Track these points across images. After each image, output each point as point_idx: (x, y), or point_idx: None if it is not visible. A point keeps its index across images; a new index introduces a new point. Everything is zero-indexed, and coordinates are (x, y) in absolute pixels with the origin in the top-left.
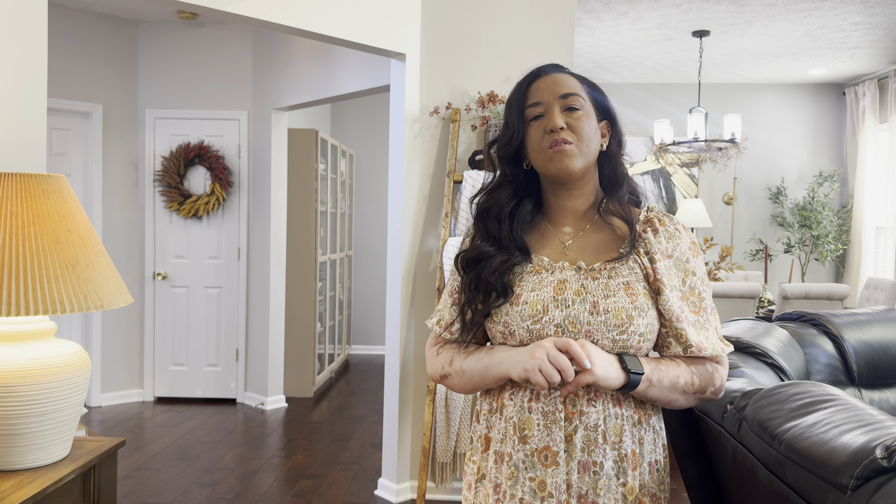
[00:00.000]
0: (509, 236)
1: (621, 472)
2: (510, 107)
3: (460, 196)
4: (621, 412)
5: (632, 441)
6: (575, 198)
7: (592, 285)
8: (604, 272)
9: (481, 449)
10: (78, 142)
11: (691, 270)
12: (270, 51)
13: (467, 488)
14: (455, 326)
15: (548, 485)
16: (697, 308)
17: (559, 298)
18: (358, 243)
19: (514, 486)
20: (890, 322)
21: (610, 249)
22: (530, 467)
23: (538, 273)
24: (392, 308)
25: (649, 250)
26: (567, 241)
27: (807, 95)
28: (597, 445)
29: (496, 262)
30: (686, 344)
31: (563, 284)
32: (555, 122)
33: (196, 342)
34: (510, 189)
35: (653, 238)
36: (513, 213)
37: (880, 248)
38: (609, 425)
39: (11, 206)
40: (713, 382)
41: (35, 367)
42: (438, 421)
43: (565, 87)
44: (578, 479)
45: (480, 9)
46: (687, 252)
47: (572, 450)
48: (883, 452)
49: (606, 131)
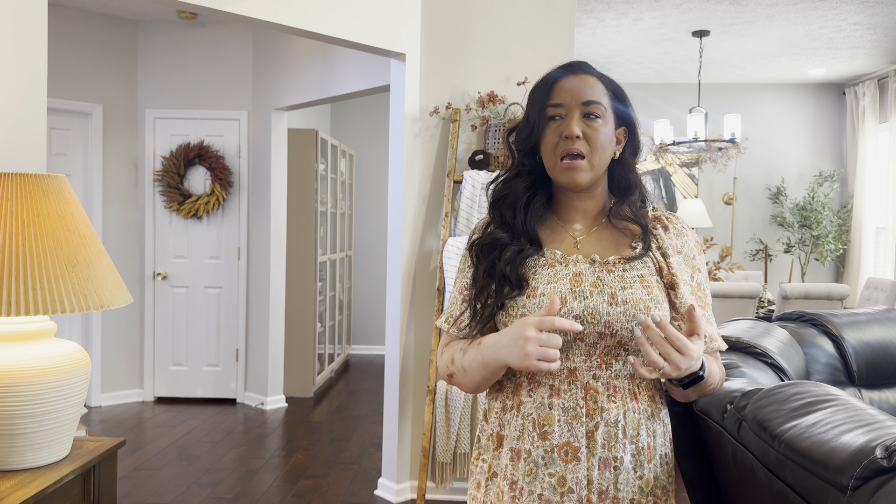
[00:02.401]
0: (523, 226)
1: (639, 465)
2: (533, 101)
3: (460, 196)
4: (638, 406)
5: (647, 434)
6: (584, 199)
7: (608, 277)
8: (618, 265)
9: (493, 447)
10: (78, 142)
11: (697, 267)
12: (270, 51)
13: (475, 487)
14: (464, 322)
15: (568, 480)
16: (703, 303)
17: (576, 290)
18: (358, 243)
19: (532, 482)
20: (890, 322)
21: (621, 246)
22: (550, 463)
23: (552, 266)
24: (392, 308)
25: (661, 246)
26: (578, 236)
27: (807, 95)
28: (617, 441)
29: (510, 252)
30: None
31: (578, 277)
32: (572, 129)
33: (196, 342)
34: (527, 180)
35: (664, 234)
36: (527, 204)
37: (880, 248)
38: (628, 420)
39: (11, 206)
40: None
41: (35, 367)
42: (438, 421)
43: (589, 94)
44: (599, 475)
45: (480, 9)
46: (694, 249)
47: (593, 446)
48: (883, 452)
49: (623, 138)
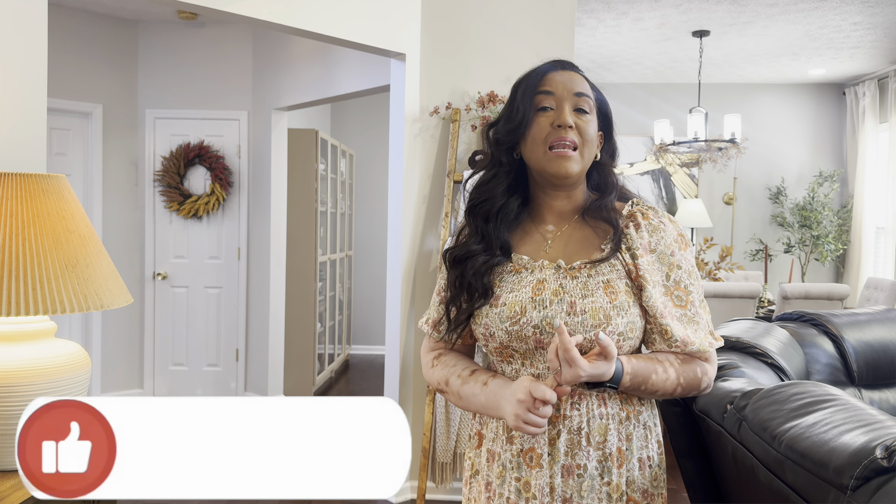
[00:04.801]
0: (495, 234)
1: (605, 471)
2: (520, 91)
3: (460, 196)
4: (606, 412)
5: (618, 439)
6: (562, 198)
7: (571, 285)
8: (583, 271)
9: (475, 445)
10: (78, 142)
11: (676, 264)
12: (270, 51)
13: (464, 483)
14: (442, 325)
15: (532, 486)
16: (683, 302)
17: (537, 299)
18: (358, 243)
19: (501, 485)
20: (890, 322)
21: (591, 247)
22: (516, 467)
23: (518, 273)
24: (392, 308)
25: (631, 246)
26: (549, 238)
27: (807, 95)
28: (580, 448)
29: (479, 262)
30: (671, 340)
31: (541, 284)
32: (565, 118)
33: (196, 342)
34: (505, 181)
35: (634, 233)
36: (501, 209)
37: (880, 248)
38: (593, 427)
39: (11, 206)
40: (699, 385)
41: (35, 367)
42: (438, 421)
43: (580, 87)
44: (562, 483)
45: (480, 9)
46: (672, 245)
47: (556, 453)
48: (883, 452)
49: (601, 142)
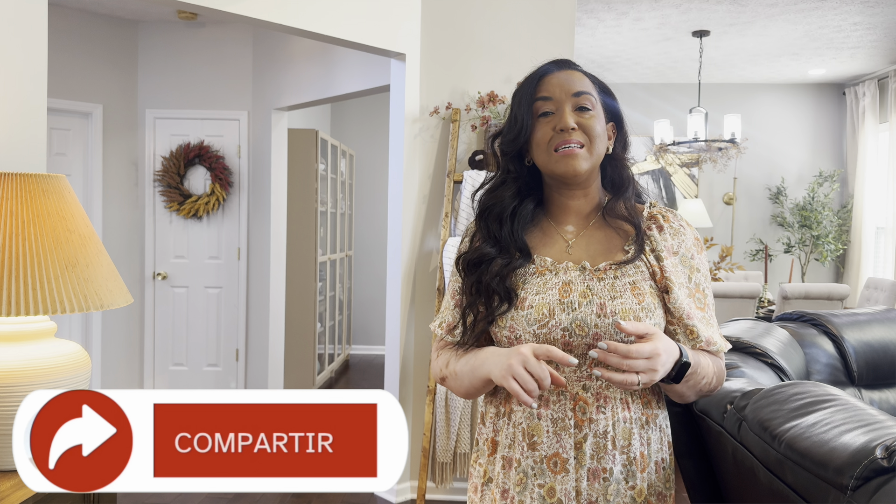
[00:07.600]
0: (510, 237)
1: (630, 475)
2: (518, 100)
3: (460, 196)
4: (630, 415)
5: (640, 443)
6: (578, 197)
7: (598, 286)
8: (609, 272)
9: (488, 452)
10: (78, 142)
11: (696, 267)
12: (270, 51)
13: (473, 491)
14: (458, 329)
15: (557, 491)
16: (703, 304)
17: (565, 301)
18: (358, 243)
19: (522, 492)
20: (890, 322)
21: (614, 248)
22: (539, 474)
23: (542, 275)
24: (392, 308)
25: (655, 248)
26: (570, 239)
27: (807, 95)
28: (606, 452)
29: (497, 265)
30: (697, 339)
31: (567, 286)
32: (566, 121)
33: (196, 342)
34: (514, 187)
35: (658, 235)
36: (514, 212)
37: (880, 248)
38: (618, 430)
39: (11, 206)
40: (722, 380)
41: (35, 367)
42: (438, 421)
43: (578, 85)
44: (588, 487)
45: (480, 9)
46: (692, 248)
47: (582, 457)
48: (883, 452)
49: (612, 133)
